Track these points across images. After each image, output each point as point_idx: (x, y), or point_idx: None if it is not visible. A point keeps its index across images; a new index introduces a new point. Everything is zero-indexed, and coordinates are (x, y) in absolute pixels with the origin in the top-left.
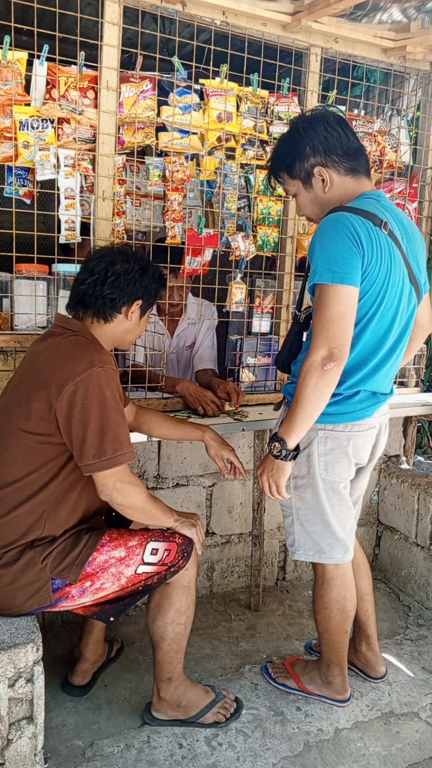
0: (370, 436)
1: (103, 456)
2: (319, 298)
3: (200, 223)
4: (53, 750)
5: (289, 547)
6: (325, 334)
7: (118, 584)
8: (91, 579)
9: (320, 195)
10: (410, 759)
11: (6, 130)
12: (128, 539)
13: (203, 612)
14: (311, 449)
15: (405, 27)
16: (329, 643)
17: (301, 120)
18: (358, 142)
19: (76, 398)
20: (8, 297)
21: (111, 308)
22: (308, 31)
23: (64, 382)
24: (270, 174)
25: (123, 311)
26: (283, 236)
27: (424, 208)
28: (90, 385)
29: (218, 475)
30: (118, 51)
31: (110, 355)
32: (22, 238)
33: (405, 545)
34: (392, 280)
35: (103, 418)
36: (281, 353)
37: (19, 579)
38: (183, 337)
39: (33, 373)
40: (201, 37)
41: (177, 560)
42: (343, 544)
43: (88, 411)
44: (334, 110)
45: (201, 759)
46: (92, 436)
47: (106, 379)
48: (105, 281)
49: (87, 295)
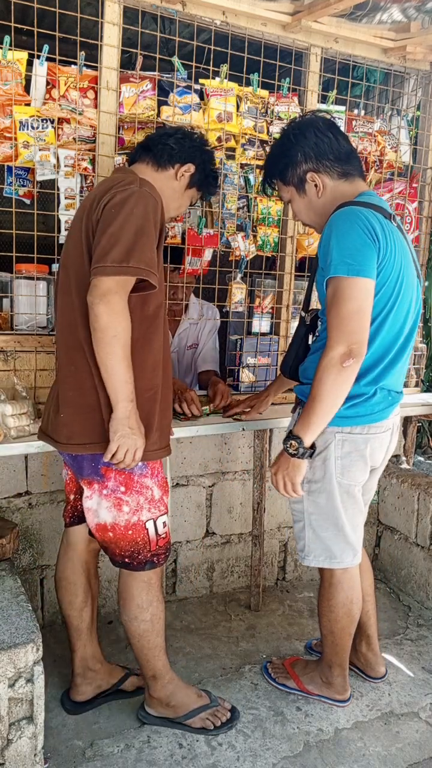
0: (386, 437)
1: (106, 261)
2: (335, 293)
3: (200, 223)
4: (53, 750)
5: (299, 553)
6: (344, 330)
7: (131, 516)
8: (128, 486)
9: (314, 200)
10: (410, 759)
11: (6, 130)
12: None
13: (203, 612)
14: (328, 453)
15: (405, 27)
16: (332, 644)
17: (292, 127)
18: (350, 146)
19: (108, 205)
20: (8, 297)
21: (168, 157)
22: (308, 31)
23: (104, 194)
24: (264, 181)
25: (176, 167)
26: (283, 236)
27: (424, 208)
28: (123, 197)
29: (218, 475)
30: (118, 51)
31: (155, 190)
32: (22, 238)
33: (405, 545)
34: (405, 272)
35: (123, 229)
36: (287, 358)
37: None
38: (184, 337)
39: (81, 208)
40: (201, 37)
41: (165, 550)
42: (354, 548)
43: (113, 218)
44: (324, 114)
45: (201, 759)
46: (105, 241)
47: (141, 199)
48: (172, 135)
49: (152, 141)
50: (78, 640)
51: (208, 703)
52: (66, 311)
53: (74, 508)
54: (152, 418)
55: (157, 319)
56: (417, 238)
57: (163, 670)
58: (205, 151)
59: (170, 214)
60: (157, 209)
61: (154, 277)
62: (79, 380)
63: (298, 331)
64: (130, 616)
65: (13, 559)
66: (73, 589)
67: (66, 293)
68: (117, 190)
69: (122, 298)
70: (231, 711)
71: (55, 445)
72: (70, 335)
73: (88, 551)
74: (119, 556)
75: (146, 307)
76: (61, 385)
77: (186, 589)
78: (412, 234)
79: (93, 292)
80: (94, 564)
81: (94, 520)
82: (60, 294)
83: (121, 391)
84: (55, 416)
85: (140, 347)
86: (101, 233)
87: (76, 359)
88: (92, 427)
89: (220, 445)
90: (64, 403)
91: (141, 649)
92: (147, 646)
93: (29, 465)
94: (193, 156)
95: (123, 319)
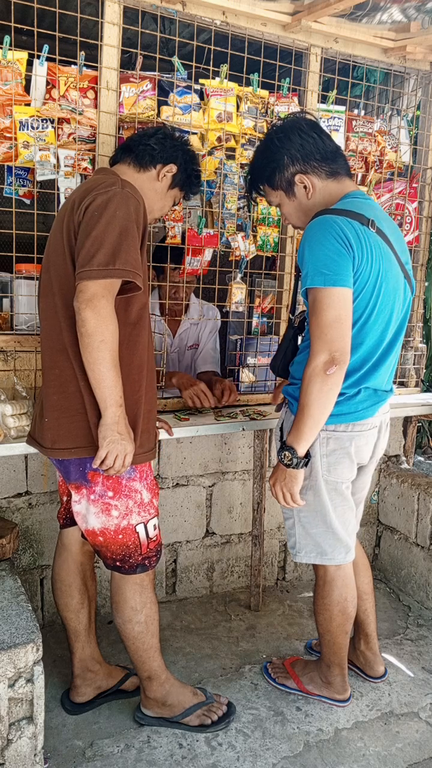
0: (371, 435)
1: (91, 265)
2: (314, 303)
3: (200, 223)
4: (53, 750)
5: (290, 549)
6: (324, 339)
7: (120, 521)
8: (116, 491)
9: (304, 202)
10: (410, 759)
11: (6, 130)
12: (154, 494)
13: (203, 612)
14: (313, 450)
15: (405, 27)
16: (330, 643)
17: (275, 131)
18: (335, 144)
19: (90, 208)
20: (8, 297)
21: (150, 158)
22: (308, 31)
23: (85, 195)
24: (250, 187)
25: (157, 168)
26: (283, 236)
27: (424, 208)
28: (104, 199)
29: (218, 475)
30: (118, 51)
31: (137, 191)
32: (22, 238)
33: (405, 545)
34: (385, 276)
35: (107, 231)
36: (276, 358)
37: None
38: (185, 338)
39: (62, 209)
40: (201, 37)
41: (156, 552)
42: (345, 545)
43: (95, 221)
44: (304, 115)
45: (201, 759)
46: (89, 245)
47: (123, 201)
48: (153, 136)
49: (133, 142)
50: (76, 642)
51: (204, 700)
52: (49, 314)
53: (67, 510)
54: (138, 421)
55: (141, 321)
56: (417, 238)
57: (158, 670)
58: (187, 151)
59: (154, 215)
60: (139, 210)
61: (139, 279)
62: (63, 384)
63: (286, 333)
64: (124, 618)
65: (13, 559)
66: (69, 590)
67: (48, 296)
68: (98, 192)
69: (109, 302)
70: (228, 705)
71: (42, 450)
72: (53, 338)
73: (82, 553)
74: (110, 559)
75: (130, 309)
76: (46, 389)
77: (186, 589)
78: (412, 234)
79: (79, 297)
80: (89, 565)
81: (84, 525)
82: (42, 296)
83: (110, 396)
84: (40, 420)
85: (125, 349)
86: (85, 236)
87: (59, 362)
88: (77, 431)
89: (220, 445)
90: (48, 408)
91: (136, 650)
92: (142, 647)
93: (29, 465)
94: (175, 156)
95: (110, 323)
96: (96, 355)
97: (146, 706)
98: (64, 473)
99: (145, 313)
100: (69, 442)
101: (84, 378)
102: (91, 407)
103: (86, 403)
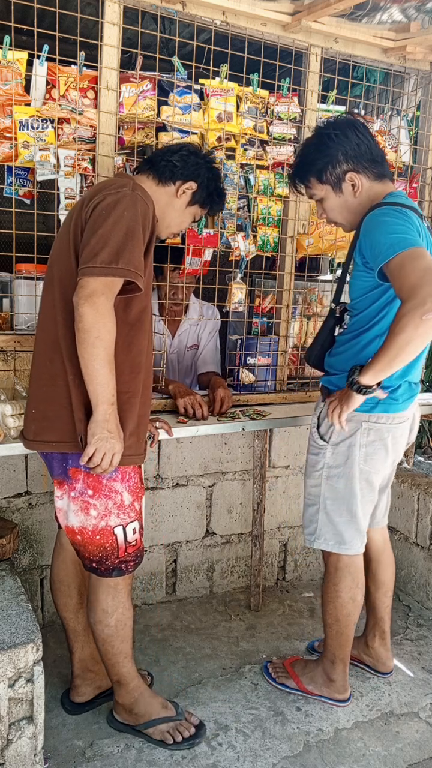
0: (406, 428)
1: (94, 262)
2: (402, 264)
3: (200, 223)
4: (53, 750)
5: (307, 536)
6: (424, 281)
7: (99, 521)
8: (96, 490)
9: (350, 200)
10: (410, 759)
11: (6, 130)
12: (137, 498)
13: (203, 612)
14: (354, 440)
15: (405, 27)
16: (337, 635)
17: (331, 126)
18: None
19: (98, 206)
20: (8, 297)
21: (170, 173)
22: (308, 31)
23: (95, 194)
24: (295, 179)
25: (177, 184)
26: (283, 236)
27: (424, 208)
28: (114, 199)
29: (218, 475)
30: (118, 51)
31: (149, 196)
32: (22, 238)
33: (405, 545)
34: None
35: (114, 231)
36: (312, 348)
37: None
38: (184, 338)
39: (73, 208)
40: (201, 37)
41: (135, 558)
42: (362, 535)
43: (103, 220)
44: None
45: (201, 759)
46: (95, 242)
47: (132, 203)
48: (177, 152)
49: (156, 156)
50: (76, 642)
51: (173, 715)
52: (47, 307)
53: None
54: (126, 422)
55: (139, 324)
56: None
57: (127, 677)
58: (211, 169)
59: (170, 230)
60: (148, 214)
61: (141, 280)
62: (53, 376)
63: (326, 322)
64: (95, 619)
65: (13, 559)
66: (68, 591)
67: (49, 290)
68: (108, 192)
69: (108, 299)
70: (197, 727)
71: (25, 443)
72: (47, 331)
73: None
74: (88, 560)
75: (130, 310)
76: (35, 380)
77: (186, 589)
78: None
79: (79, 292)
80: None
81: (64, 522)
82: (44, 290)
83: (102, 393)
84: (28, 412)
85: (119, 349)
86: (91, 234)
87: (50, 355)
88: (61, 425)
89: (220, 445)
90: (34, 399)
91: (105, 653)
92: (111, 651)
93: (29, 465)
94: (197, 174)
95: (108, 321)
96: (91, 351)
97: (116, 710)
98: (48, 467)
99: (146, 317)
100: (52, 435)
101: (73, 373)
102: (77, 403)
103: (72, 397)
